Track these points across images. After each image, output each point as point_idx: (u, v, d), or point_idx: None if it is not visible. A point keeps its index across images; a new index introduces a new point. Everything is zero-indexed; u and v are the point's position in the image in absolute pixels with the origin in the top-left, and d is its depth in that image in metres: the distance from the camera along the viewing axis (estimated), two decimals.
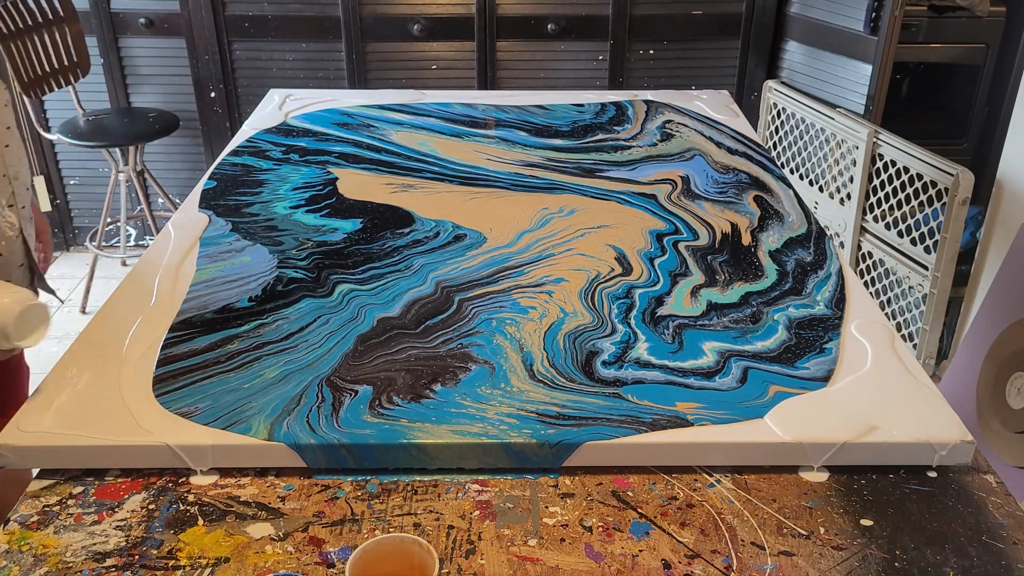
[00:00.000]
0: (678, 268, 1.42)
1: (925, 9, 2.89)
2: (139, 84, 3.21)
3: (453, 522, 0.97)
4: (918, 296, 2.35)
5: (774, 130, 2.92)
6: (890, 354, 1.21)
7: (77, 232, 3.48)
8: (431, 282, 1.37)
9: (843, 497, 1.01)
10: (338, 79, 3.17)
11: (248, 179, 1.73)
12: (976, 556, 0.94)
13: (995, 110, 2.99)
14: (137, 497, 1.00)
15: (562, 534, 0.96)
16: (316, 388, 1.11)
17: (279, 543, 0.94)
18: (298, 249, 1.47)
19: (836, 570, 0.91)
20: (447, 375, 1.15)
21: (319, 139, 1.92)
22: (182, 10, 3.06)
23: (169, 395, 1.10)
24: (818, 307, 1.32)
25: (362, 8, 3.07)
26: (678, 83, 3.20)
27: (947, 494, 1.02)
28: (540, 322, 1.26)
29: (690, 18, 3.15)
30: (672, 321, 1.28)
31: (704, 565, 0.92)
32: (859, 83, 2.78)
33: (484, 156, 1.84)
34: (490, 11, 3.09)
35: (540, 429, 1.05)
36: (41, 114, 3.19)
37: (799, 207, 1.64)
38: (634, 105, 2.15)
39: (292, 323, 1.26)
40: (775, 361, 1.19)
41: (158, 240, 1.51)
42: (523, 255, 1.45)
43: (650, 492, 1.02)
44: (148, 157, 3.22)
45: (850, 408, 1.09)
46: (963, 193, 2.15)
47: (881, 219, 2.48)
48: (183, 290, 1.34)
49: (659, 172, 1.78)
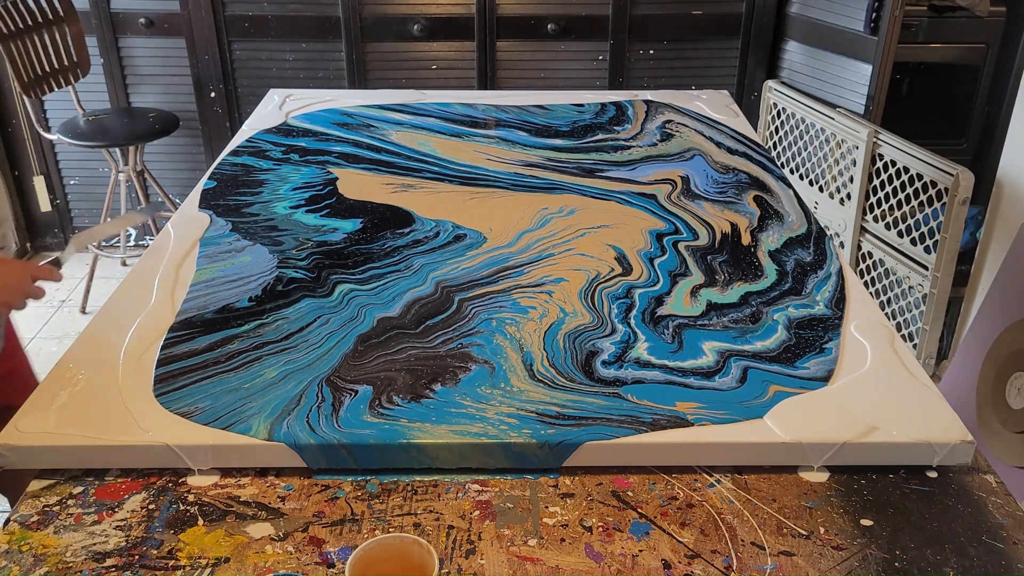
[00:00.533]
0: (678, 268, 1.42)
1: (925, 9, 2.89)
2: (139, 84, 3.21)
3: (453, 522, 0.97)
4: (918, 296, 2.35)
5: (774, 130, 2.92)
6: (890, 354, 1.21)
7: (77, 232, 3.48)
8: (431, 282, 1.37)
9: (843, 497, 1.01)
10: (338, 79, 3.17)
11: (248, 179, 1.73)
12: (976, 556, 0.94)
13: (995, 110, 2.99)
14: (137, 497, 1.00)
15: (562, 534, 0.96)
16: (316, 388, 1.11)
17: (279, 543, 0.94)
18: (298, 249, 1.47)
19: (836, 570, 0.91)
20: (447, 375, 1.15)
21: (319, 139, 1.92)
22: (182, 10, 3.06)
23: (169, 395, 1.10)
24: (818, 307, 1.32)
25: (362, 8, 3.07)
26: (678, 83, 3.20)
27: (947, 494, 1.02)
28: (540, 322, 1.26)
29: (690, 18, 3.15)
30: (672, 321, 1.27)
31: (704, 565, 0.92)
32: (859, 83, 2.78)
33: (484, 156, 1.84)
34: (490, 11, 3.08)
35: (540, 429, 1.05)
36: (41, 114, 3.19)
37: (799, 207, 1.64)
38: (634, 105, 2.15)
39: (292, 323, 1.26)
40: (775, 361, 1.19)
41: (158, 240, 1.51)
42: (523, 255, 1.45)
43: (650, 492, 1.02)
44: (148, 157, 3.22)
45: (850, 408, 1.09)
46: (963, 193, 2.15)
47: (881, 219, 2.48)
48: (183, 290, 1.34)
49: (659, 172, 1.78)
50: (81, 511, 0.98)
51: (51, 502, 1.00)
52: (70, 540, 0.94)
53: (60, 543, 0.94)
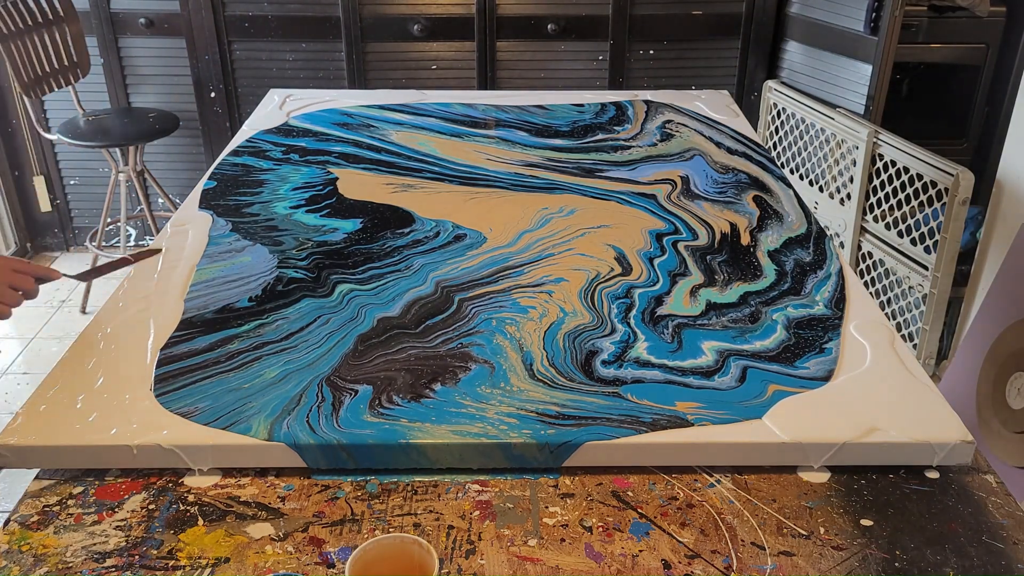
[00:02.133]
0: (677, 268, 1.42)
1: (925, 9, 2.89)
2: (139, 84, 3.21)
3: (453, 522, 0.97)
4: (918, 296, 2.35)
5: (774, 130, 2.92)
6: (890, 354, 1.21)
7: (77, 232, 3.48)
8: (431, 282, 1.37)
9: (843, 497, 1.01)
10: (338, 79, 3.17)
11: (248, 179, 1.73)
12: (976, 556, 0.94)
13: (995, 110, 2.99)
14: (137, 497, 1.00)
15: (562, 534, 0.96)
16: (316, 388, 1.11)
17: (279, 543, 0.94)
18: (298, 249, 1.47)
19: (836, 570, 0.91)
20: (447, 375, 1.15)
21: (319, 139, 1.92)
22: (182, 10, 3.06)
23: (169, 395, 1.10)
24: (817, 307, 1.32)
25: (362, 8, 3.07)
26: (678, 83, 3.20)
27: (947, 494, 1.02)
28: (540, 322, 1.26)
29: (690, 18, 3.15)
30: (671, 321, 1.28)
31: (704, 565, 0.92)
32: (859, 83, 2.78)
33: (484, 156, 1.84)
34: (490, 11, 3.09)
35: (540, 429, 1.05)
36: (41, 114, 3.19)
37: (799, 207, 1.64)
38: (634, 105, 2.15)
39: (292, 323, 1.26)
40: (774, 360, 1.19)
41: (159, 240, 1.51)
42: (523, 255, 1.45)
43: (650, 492, 1.02)
44: (148, 157, 3.22)
45: (850, 408, 1.09)
46: (963, 193, 2.15)
47: (881, 219, 2.48)
48: (184, 290, 1.34)
49: (659, 172, 1.78)
50: (81, 511, 0.98)
51: (51, 502, 1.00)
52: (70, 540, 0.94)
53: (60, 543, 0.94)
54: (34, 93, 2.81)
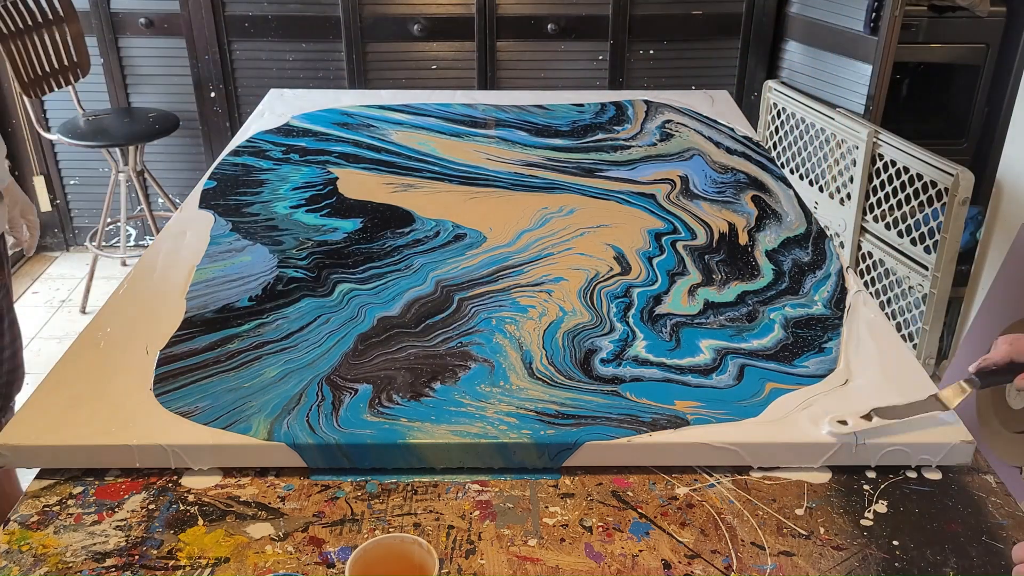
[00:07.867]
0: (676, 267, 1.42)
1: (925, 9, 2.89)
2: (139, 84, 3.21)
3: (453, 522, 0.97)
4: (918, 296, 2.35)
5: (774, 130, 2.92)
6: (890, 354, 1.21)
7: (77, 232, 3.48)
8: (431, 281, 1.37)
9: (843, 497, 1.01)
10: (338, 79, 3.17)
11: (248, 179, 1.73)
12: (976, 556, 0.94)
13: (995, 110, 2.99)
14: (137, 497, 1.00)
15: (562, 534, 0.96)
16: (316, 387, 1.12)
17: (279, 543, 0.94)
18: (298, 249, 1.47)
19: (836, 570, 0.91)
20: (447, 373, 1.15)
21: (319, 139, 1.92)
22: (182, 10, 3.06)
23: (169, 395, 1.10)
24: (816, 307, 1.32)
25: (362, 8, 3.08)
26: (678, 83, 3.21)
27: (947, 494, 1.02)
28: (539, 321, 1.26)
29: (690, 18, 3.15)
30: (669, 319, 1.28)
31: (704, 565, 0.92)
32: (859, 83, 2.78)
33: (484, 156, 1.84)
34: (490, 11, 3.09)
35: (540, 429, 1.05)
36: (41, 114, 3.19)
37: (798, 207, 1.64)
38: (634, 105, 2.15)
39: (292, 322, 1.26)
40: (772, 359, 1.19)
41: (159, 240, 1.51)
42: (523, 254, 1.45)
43: (650, 492, 1.02)
44: (148, 157, 3.22)
45: (850, 408, 1.09)
46: (963, 193, 2.15)
47: (881, 219, 2.48)
48: (183, 290, 1.34)
49: (658, 172, 1.78)
50: (81, 511, 0.98)
51: (51, 502, 1.00)
52: (70, 540, 0.94)
53: (60, 543, 0.94)
54: (34, 93, 2.81)
